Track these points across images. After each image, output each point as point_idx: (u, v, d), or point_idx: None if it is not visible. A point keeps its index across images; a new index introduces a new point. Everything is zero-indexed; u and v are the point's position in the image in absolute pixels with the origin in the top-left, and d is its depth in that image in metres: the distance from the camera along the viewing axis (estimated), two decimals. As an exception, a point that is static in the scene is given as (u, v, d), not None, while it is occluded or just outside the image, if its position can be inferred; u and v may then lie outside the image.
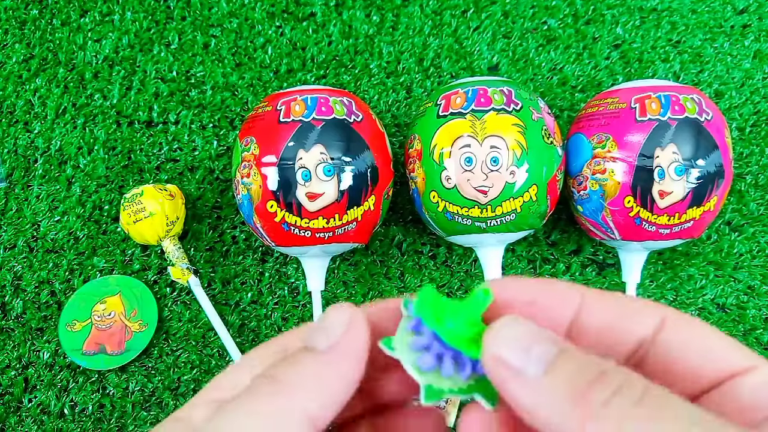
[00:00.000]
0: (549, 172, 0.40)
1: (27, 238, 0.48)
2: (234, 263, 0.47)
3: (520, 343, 0.14)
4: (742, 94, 0.51)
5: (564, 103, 0.51)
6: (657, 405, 0.13)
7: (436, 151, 0.39)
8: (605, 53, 0.52)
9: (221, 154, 0.50)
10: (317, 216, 0.39)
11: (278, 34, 0.53)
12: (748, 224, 0.48)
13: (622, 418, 0.12)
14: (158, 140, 0.50)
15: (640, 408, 0.12)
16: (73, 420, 0.43)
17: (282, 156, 0.38)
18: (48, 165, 0.50)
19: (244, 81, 0.51)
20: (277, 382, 0.14)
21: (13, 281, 0.47)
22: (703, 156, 0.38)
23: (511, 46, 0.52)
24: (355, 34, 0.53)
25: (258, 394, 0.14)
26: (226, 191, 0.49)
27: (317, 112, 0.39)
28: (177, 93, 0.51)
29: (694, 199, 0.38)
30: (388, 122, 0.51)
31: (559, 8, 0.53)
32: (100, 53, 0.52)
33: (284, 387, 0.14)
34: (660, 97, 0.39)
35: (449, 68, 0.52)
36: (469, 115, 0.39)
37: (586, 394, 0.13)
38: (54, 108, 0.51)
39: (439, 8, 0.53)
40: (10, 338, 0.45)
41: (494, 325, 0.15)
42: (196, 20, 0.53)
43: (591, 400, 0.13)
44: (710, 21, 0.53)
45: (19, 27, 0.53)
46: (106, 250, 0.48)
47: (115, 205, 0.49)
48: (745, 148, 0.50)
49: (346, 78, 0.52)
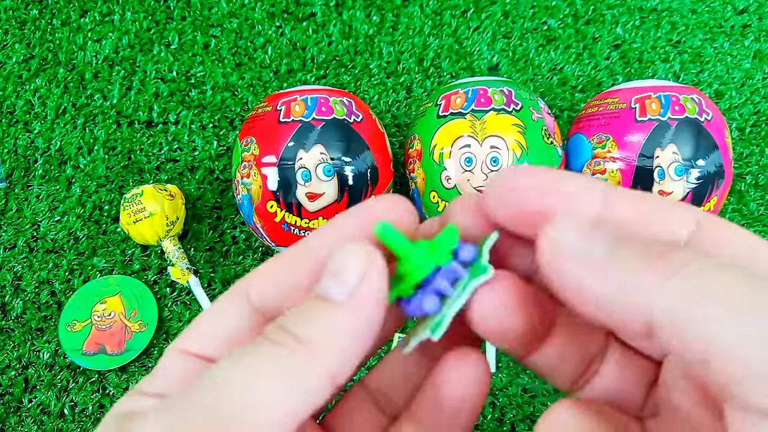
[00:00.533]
0: (549, 172, 0.39)
1: (27, 238, 0.48)
2: (234, 263, 0.47)
3: (582, 231, 0.13)
4: (742, 94, 0.51)
5: (564, 103, 0.51)
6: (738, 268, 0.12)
7: (436, 152, 0.39)
8: (605, 53, 0.52)
9: (221, 154, 0.50)
10: (317, 216, 0.39)
11: (278, 34, 0.53)
12: (748, 224, 0.48)
13: (707, 274, 0.11)
14: (158, 140, 0.50)
15: (723, 269, 0.11)
16: (73, 420, 0.43)
17: (282, 156, 0.38)
18: (48, 165, 0.50)
19: (244, 81, 0.51)
20: (297, 339, 0.13)
21: (13, 281, 0.47)
22: (703, 156, 0.38)
23: (511, 46, 0.52)
24: (355, 34, 0.53)
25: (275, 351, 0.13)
26: (226, 191, 0.49)
27: (317, 112, 0.39)
28: (177, 93, 0.51)
29: (694, 199, 0.38)
30: (388, 122, 0.51)
31: (559, 8, 0.53)
32: (100, 53, 0.52)
33: (305, 344, 0.13)
34: (660, 97, 0.39)
35: (449, 68, 0.52)
36: (469, 116, 0.39)
37: (662, 257, 0.12)
38: (54, 108, 0.51)
39: (439, 8, 0.53)
40: (10, 338, 0.45)
41: (554, 220, 0.14)
42: (196, 20, 0.53)
43: (670, 261, 0.12)
44: (710, 21, 0.53)
45: (19, 27, 0.53)
46: (106, 250, 0.48)
47: (115, 205, 0.49)
48: (745, 148, 0.50)
49: (346, 78, 0.52)
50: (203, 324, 0.16)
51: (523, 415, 0.42)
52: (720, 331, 0.11)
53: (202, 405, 0.13)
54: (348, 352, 0.14)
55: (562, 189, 0.14)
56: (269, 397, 0.13)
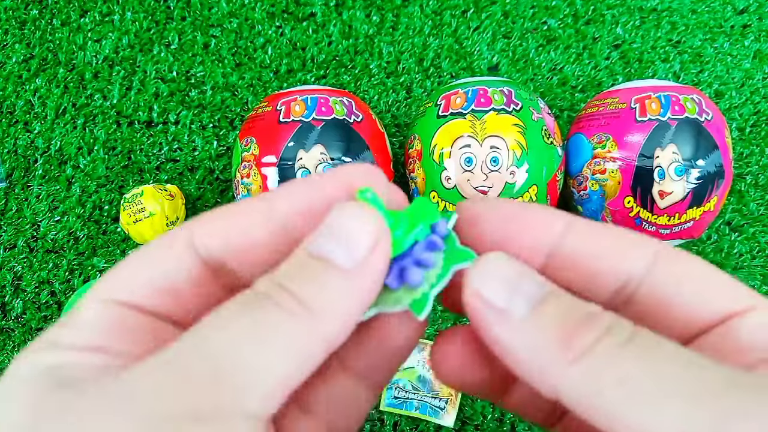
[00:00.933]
0: (549, 173, 0.40)
1: (27, 238, 0.48)
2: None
3: (506, 282, 0.13)
4: (742, 94, 0.51)
5: (564, 103, 0.51)
6: (647, 346, 0.12)
7: (436, 152, 0.39)
8: (605, 53, 0.52)
9: (221, 154, 0.50)
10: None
11: (278, 34, 0.53)
12: (748, 224, 0.48)
13: (609, 359, 0.12)
14: (158, 140, 0.50)
15: (629, 349, 0.12)
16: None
17: (282, 156, 0.38)
18: (48, 165, 0.50)
19: (244, 81, 0.52)
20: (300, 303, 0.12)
21: (13, 281, 0.47)
22: (703, 156, 0.38)
23: (511, 46, 0.52)
24: (355, 34, 0.53)
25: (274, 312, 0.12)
26: (226, 191, 0.49)
27: (317, 112, 0.39)
28: (177, 93, 0.51)
29: (694, 200, 0.38)
30: (388, 122, 0.51)
31: (559, 8, 0.53)
32: (100, 53, 0.52)
33: (308, 310, 0.12)
34: (660, 97, 0.39)
35: (449, 68, 0.52)
36: (469, 116, 0.39)
37: (573, 335, 0.12)
38: (54, 108, 0.51)
39: (439, 8, 0.53)
40: (10, 338, 0.45)
41: (479, 261, 0.14)
42: (196, 20, 0.53)
43: (578, 342, 0.12)
44: (710, 21, 0.53)
45: (19, 27, 0.53)
46: (106, 250, 0.48)
47: (115, 205, 0.49)
48: (745, 148, 0.50)
49: (346, 78, 0.52)
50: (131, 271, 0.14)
51: (523, 415, 0.42)
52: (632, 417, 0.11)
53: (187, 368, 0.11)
54: (348, 320, 0.13)
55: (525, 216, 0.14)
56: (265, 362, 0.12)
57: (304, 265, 0.13)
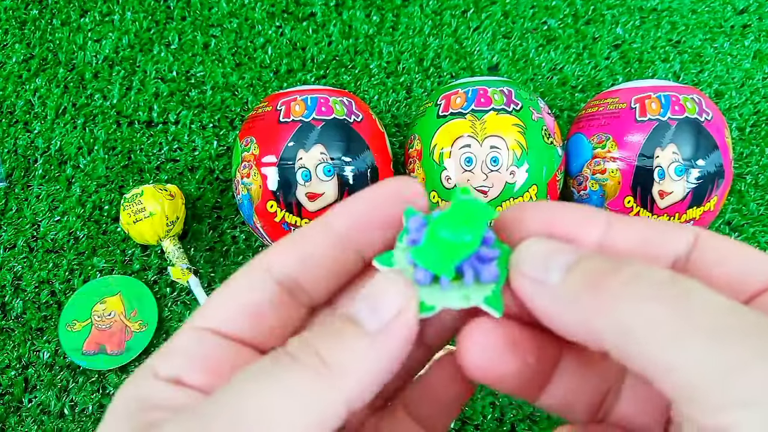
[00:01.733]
0: (549, 173, 0.40)
1: (27, 238, 0.48)
2: (234, 263, 0.47)
3: (541, 257, 0.14)
4: (742, 94, 0.51)
5: (564, 103, 0.51)
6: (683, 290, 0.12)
7: (436, 151, 0.39)
8: (605, 53, 0.52)
9: (221, 154, 0.50)
10: (317, 216, 0.39)
11: (278, 34, 0.53)
12: (748, 224, 0.48)
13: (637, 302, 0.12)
14: (158, 140, 0.50)
15: (663, 290, 0.12)
16: (73, 420, 0.43)
17: (282, 156, 0.38)
18: (48, 165, 0.50)
19: (244, 81, 0.51)
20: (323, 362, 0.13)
21: (13, 281, 0.47)
22: (703, 156, 0.38)
23: (511, 46, 0.52)
24: (355, 34, 0.53)
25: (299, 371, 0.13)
26: (226, 191, 0.49)
27: (317, 112, 0.39)
28: (177, 93, 0.51)
29: (694, 200, 0.38)
30: (388, 122, 0.51)
31: (559, 8, 0.53)
32: (100, 53, 0.52)
33: (329, 368, 0.13)
34: (660, 97, 0.39)
35: (449, 68, 0.52)
36: (469, 115, 0.39)
37: (601, 282, 0.13)
38: (54, 108, 0.51)
39: (439, 8, 0.53)
40: (10, 338, 0.45)
41: (519, 246, 0.15)
42: (196, 20, 0.53)
43: (606, 287, 0.12)
44: (710, 21, 0.53)
45: (19, 27, 0.53)
46: (106, 250, 0.48)
47: (115, 205, 0.49)
48: (745, 148, 0.50)
49: (346, 78, 0.52)
50: (220, 300, 0.16)
51: (523, 415, 0.42)
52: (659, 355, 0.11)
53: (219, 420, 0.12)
54: (368, 382, 0.14)
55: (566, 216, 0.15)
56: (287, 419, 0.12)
57: (334, 327, 0.14)
